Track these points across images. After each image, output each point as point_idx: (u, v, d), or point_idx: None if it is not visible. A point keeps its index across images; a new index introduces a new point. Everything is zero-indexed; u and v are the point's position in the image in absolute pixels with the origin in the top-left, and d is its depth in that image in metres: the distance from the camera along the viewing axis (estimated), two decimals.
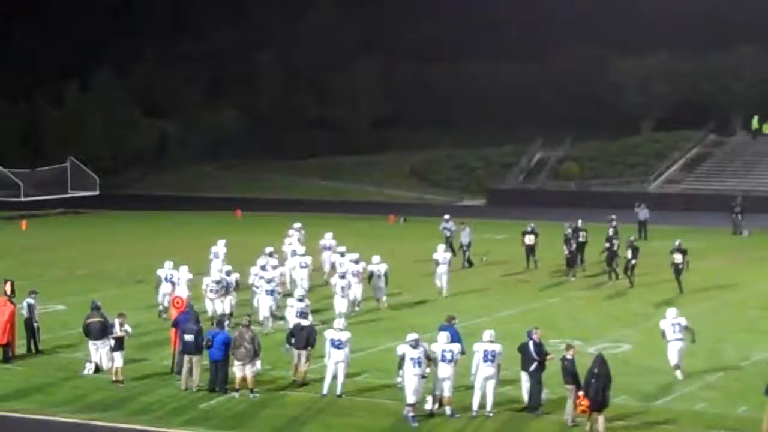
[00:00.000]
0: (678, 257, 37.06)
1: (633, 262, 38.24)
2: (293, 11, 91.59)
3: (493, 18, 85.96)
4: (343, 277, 33.29)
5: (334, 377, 24.71)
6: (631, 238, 39.91)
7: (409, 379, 23.00)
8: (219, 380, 25.05)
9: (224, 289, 31.80)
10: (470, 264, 43.64)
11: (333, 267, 37.73)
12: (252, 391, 24.83)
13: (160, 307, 33.26)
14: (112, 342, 26.06)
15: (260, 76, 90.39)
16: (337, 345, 24.75)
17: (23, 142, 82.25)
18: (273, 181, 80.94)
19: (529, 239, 42.62)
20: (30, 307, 29.12)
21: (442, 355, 23.28)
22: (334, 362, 24.70)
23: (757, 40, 78.58)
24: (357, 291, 34.09)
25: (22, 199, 65.54)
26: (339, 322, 25.48)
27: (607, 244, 40.45)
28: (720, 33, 77.90)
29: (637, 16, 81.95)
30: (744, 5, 76.65)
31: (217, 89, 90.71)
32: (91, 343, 27.18)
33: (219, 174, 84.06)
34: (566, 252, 40.82)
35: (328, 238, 40.99)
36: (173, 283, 32.94)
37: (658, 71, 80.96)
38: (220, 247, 38.94)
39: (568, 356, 22.77)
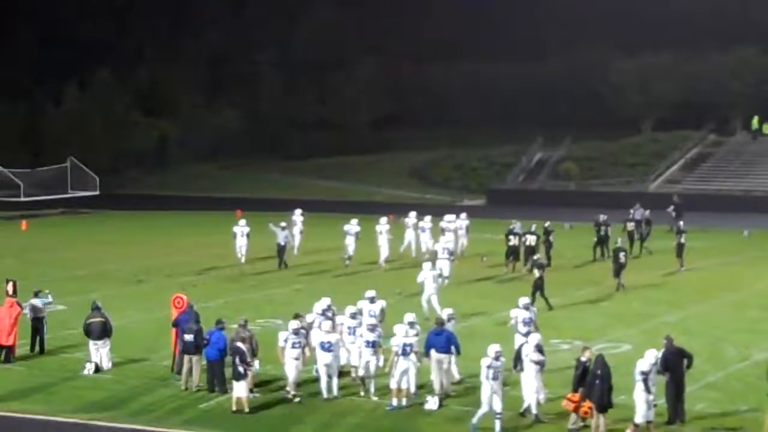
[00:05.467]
0: (536, 272, 34.88)
1: (538, 274, 34.68)
2: (293, 11, 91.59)
3: (493, 18, 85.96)
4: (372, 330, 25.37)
5: (329, 378, 24.63)
6: (536, 256, 37.99)
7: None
8: (217, 380, 25.03)
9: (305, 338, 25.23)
10: (285, 266, 42.87)
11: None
12: (251, 391, 24.80)
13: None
14: (241, 369, 23.78)
15: (260, 76, 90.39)
16: (327, 348, 24.62)
17: (23, 142, 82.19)
18: (273, 181, 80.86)
19: (532, 240, 42.49)
20: (33, 307, 29.11)
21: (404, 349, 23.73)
22: (323, 364, 24.57)
23: (756, 41, 78.57)
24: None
25: (22, 199, 65.47)
26: (326, 324, 25.20)
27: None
28: (720, 33, 77.87)
29: (637, 16, 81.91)
30: (744, 5, 76.62)
31: (217, 89, 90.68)
32: (91, 343, 27.20)
33: (219, 174, 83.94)
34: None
35: (418, 218, 45.40)
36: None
37: (658, 71, 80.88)
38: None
39: (583, 359, 22.27)
